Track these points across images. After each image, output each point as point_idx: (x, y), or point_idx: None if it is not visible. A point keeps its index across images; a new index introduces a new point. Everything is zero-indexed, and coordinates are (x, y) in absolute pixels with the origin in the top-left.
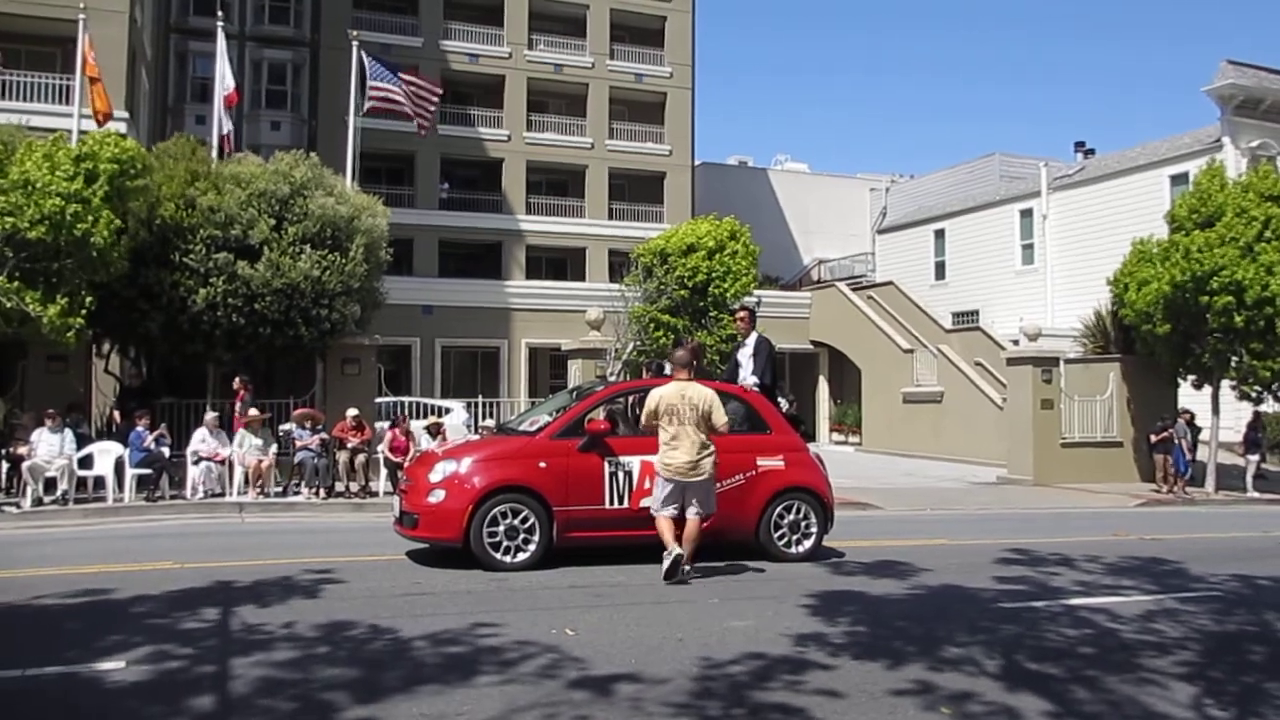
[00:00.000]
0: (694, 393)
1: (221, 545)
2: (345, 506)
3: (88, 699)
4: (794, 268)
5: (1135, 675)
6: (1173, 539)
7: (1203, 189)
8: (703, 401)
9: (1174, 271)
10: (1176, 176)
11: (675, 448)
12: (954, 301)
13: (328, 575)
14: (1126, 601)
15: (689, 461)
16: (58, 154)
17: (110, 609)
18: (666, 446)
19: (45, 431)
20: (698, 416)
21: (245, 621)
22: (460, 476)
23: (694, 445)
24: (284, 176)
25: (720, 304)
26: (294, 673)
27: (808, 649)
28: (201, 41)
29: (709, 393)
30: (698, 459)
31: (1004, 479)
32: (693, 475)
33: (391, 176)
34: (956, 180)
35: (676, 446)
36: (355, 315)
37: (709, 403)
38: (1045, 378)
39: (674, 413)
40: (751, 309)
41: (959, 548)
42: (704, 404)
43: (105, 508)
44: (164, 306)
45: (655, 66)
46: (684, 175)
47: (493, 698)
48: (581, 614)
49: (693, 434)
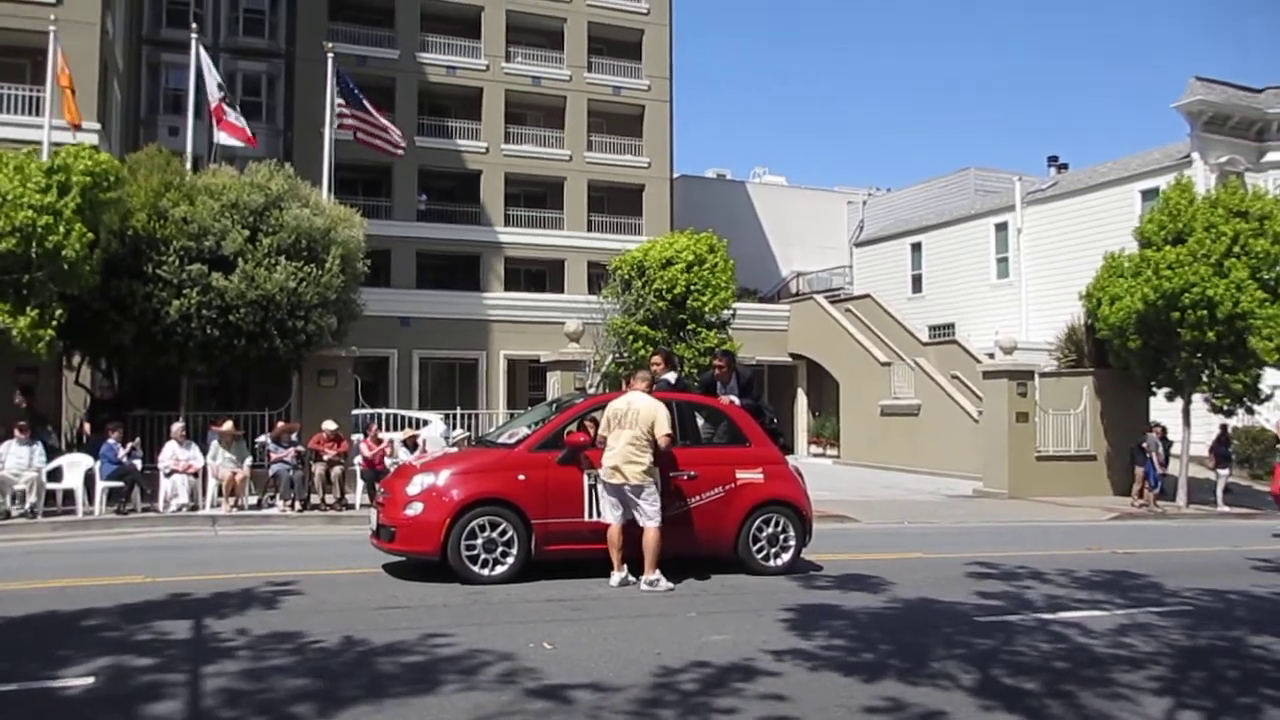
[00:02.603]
0: (639, 402)
1: (194, 559)
2: (321, 519)
3: (53, 713)
4: (772, 280)
5: (1109, 690)
6: (1145, 553)
7: (1172, 204)
8: (644, 411)
9: (1145, 289)
10: (1147, 191)
11: (609, 450)
12: (931, 314)
13: (302, 589)
14: (1100, 616)
15: (614, 464)
16: (29, 166)
17: (78, 624)
18: (604, 450)
19: (13, 444)
20: (638, 423)
21: (216, 635)
22: (438, 489)
23: (621, 451)
24: (259, 188)
25: (698, 317)
26: (263, 686)
27: (784, 663)
28: (174, 53)
29: (653, 404)
30: (619, 464)
31: (980, 492)
32: (614, 478)
33: (368, 188)
34: (932, 194)
35: (609, 448)
36: (332, 327)
37: (652, 414)
38: (1020, 391)
39: (616, 417)
40: (731, 356)
41: (935, 561)
42: (647, 414)
43: (75, 521)
44: (136, 318)
45: (633, 79)
46: (662, 187)
47: (465, 710)
48: (560, 627)
49: (625, 439)
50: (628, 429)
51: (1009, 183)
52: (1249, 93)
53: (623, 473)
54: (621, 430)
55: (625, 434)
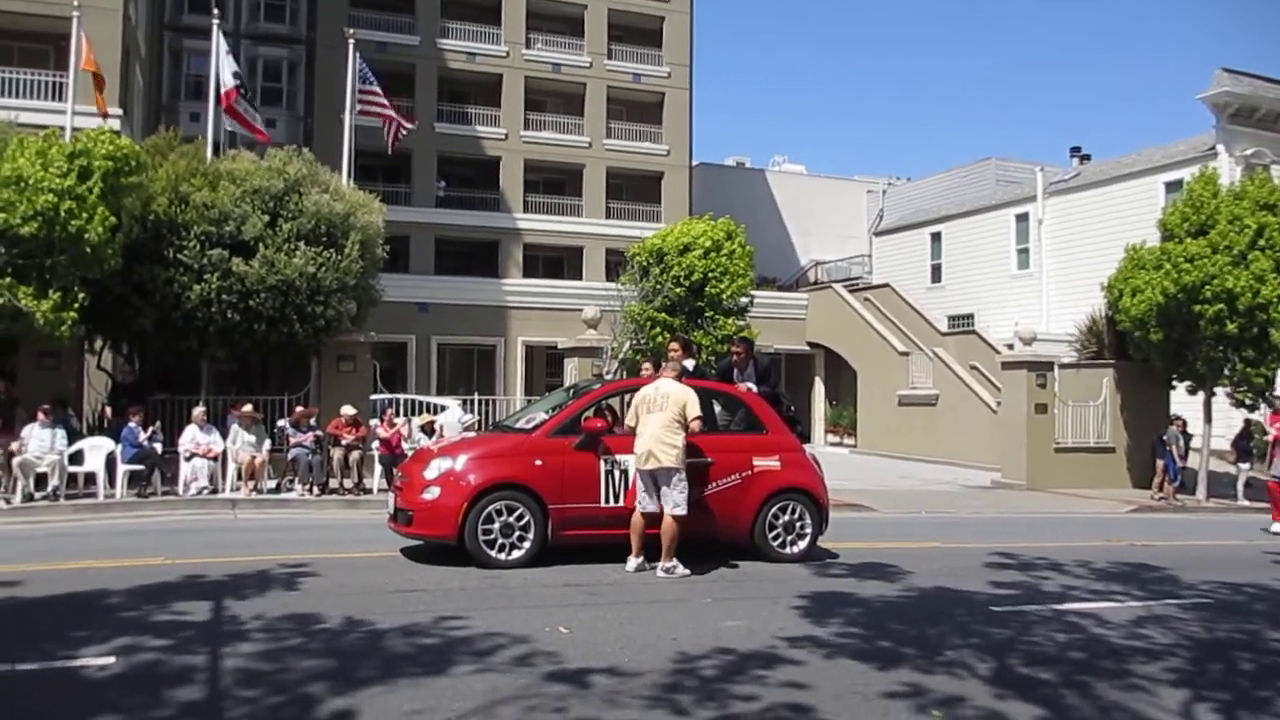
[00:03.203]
0: (668, 388)
1: (213, 541)
2: (339, 503)
3: (76, 693)
4: (791, 269)
5: (1125, 681)
6: (1164, 546)
7: (1196, 196)
8: (674, 396)
9: (1166, 281)
10: (1171, 183)
11: (638, 438)
12: (950, 304)
13: (320, 572)
14: (1117, 607)
15: (645, 450)
16: (51, 150)
17: (98, 605)
18: (635, 435)
19: (36, 427)
20: (668, 407)
21: (235, 617)
22: (456, 474)
23: (654, 435)
24: (278, 173)
25: (716, 304)
26: (281, 667)
27: (800, 649)
28: (196, 39)
29: (684, 389)
30: (651, 448)
31: (998, 483)
32: (648, 463)
33: (388, 174)
34: (953, 184)
35: (639, 435)
36: (351, 312)
37: (681, 398)
38: (1040, 382)
39: (645, 404)
40: (749, 342)
41: (952, 551)
42: (677, 398)
43: (96, 503)
44: (158, 303)
45: (653, 66)
46: (681, 175)
47: (481, 694)
48: (576, 612)
49: (656, 424)
50: (657, 413)
51: (1030, 173)
52: (1277, 85)
53: (656, 456)
54: (650, 415)
55: (654, 418)
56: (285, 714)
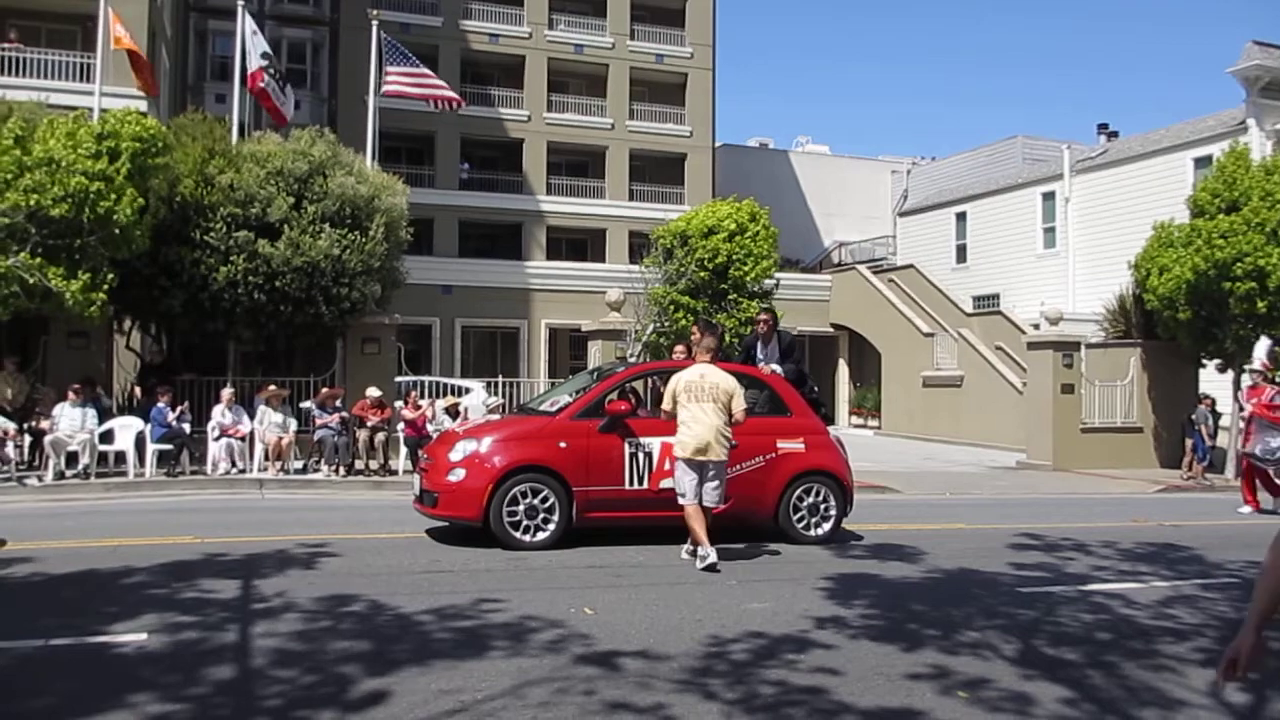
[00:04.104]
0: (715, 376)
1: (241, 521)
2: (364, 484)
3: (109, 669)
4: (814, 250)
5: (1153, 661)
6: (1192, 525)
7: (1226, 172)
8: (723, 386)
9: (1196, 258)
10: (1200, 159)
11: (690, 427)
12: (975, 285)
13: (347, 552)
14: (1144, 588)
15: (706, 440)
16: (80, 132)
17: (129, 582)
18: (684, 425)
19: (67, 406)
20: (716, 397)
21: (265, 596)
22: (481, 455)
23: (714, 426)
24: (302, 155)
25: (740, 286)
26: (310, 646)
27: (825, 631)
28: (221, 20)
29: (731, 379)
30: (711, 440)
31: (1023, 464)
32: (706, 455)
33: (411, 156)
34: (978, 163)
35: (691, 426)
36: (375, 294)
37: (730, 388)
38: (1066, 362)
39: (692, 392)
40: (774, 312)
41: (977, 532)
42: (725, 388)
43: (126, 482)
44: (185, 284)
45: (676, 47)
46: (704, 156)
47: (511, 675)
48: (600, 594)
49: (712, 413)
50: (709, 403)
51: (1057, 151)
52: None
53: (714, 448)
54: (700, 404)
55: (709, 408)
56: (318, 694)
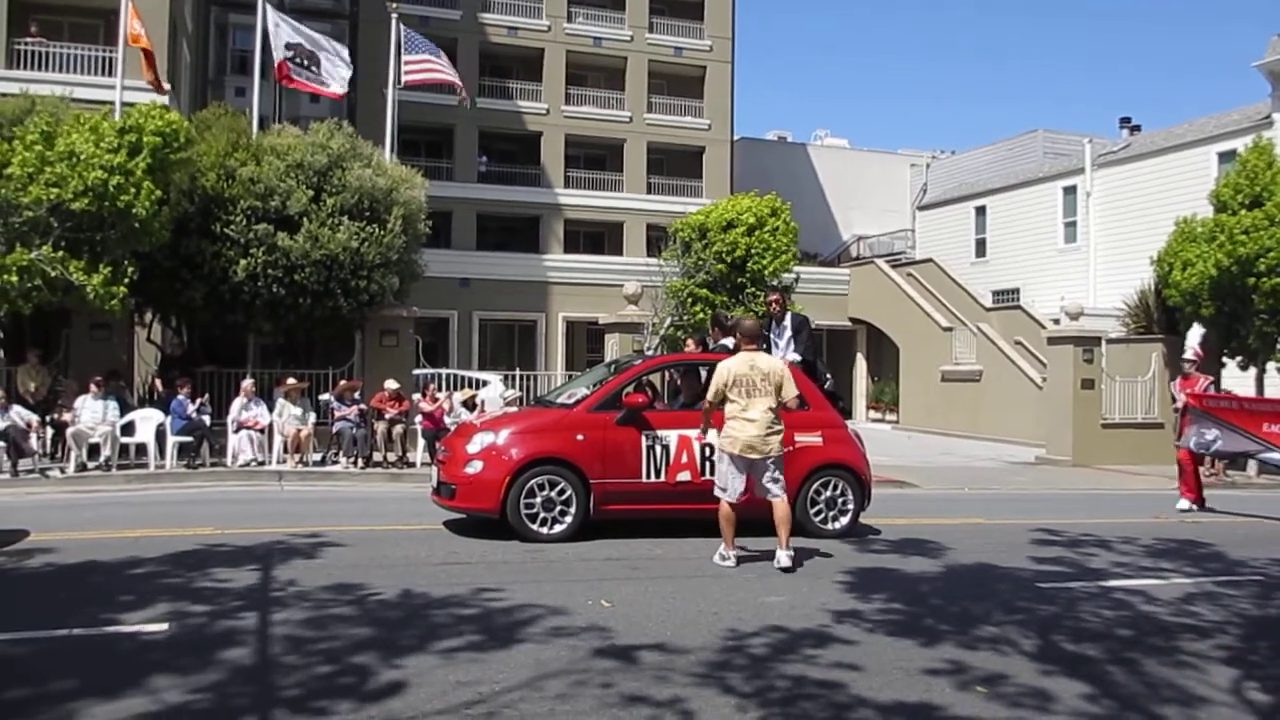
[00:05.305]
0: (764, 363)
1: (261, 512)
2: (382, 476)
3: (128, 657)
4: (833, 244)
5: (1174, 658)
6: (1212, 522)
7: (1250, 167)
8: (774, 372)
9: (1219, 254)
10: (1224, 154)
11: (747, 420)
12: (994, 279)
13: (365, 543)
14: (1165, 584)
15: (760, 435)
16: (102, 126)
17: (150, 572)
18: (735, 419)
19: (89, 398)
20: (769, 388)
21: (283, 585)
22: (498, 448)
23: (765, 418)
24: (321, 147)
25: (758, 280)
26: (328, 635)
27: (842, 625)
28: (241, 14)
29: (779, 363)
30: (767, 433)
31: (1042, 459)
32: (762, 450)
33: (430, 149)
34: (999, 156)
35: (748, 419)
36: (393, 287)
37: (780, 374)
38: (1086, 357)
39: (744, 384)
40: (785, 290)
41: (995, 527)
42: (775, 375)
43: (147, 474)
44: (205, 276)
45: (695, 40)
46: (723, 150)
47: (529, 667)
48: (618, 586)
49: (760, 409)
50: (760, 396)
51: (1079, 145)
52: None
53: (770, 443)
54: (752, 398)
55: (763, 401)
56: (335, 683)
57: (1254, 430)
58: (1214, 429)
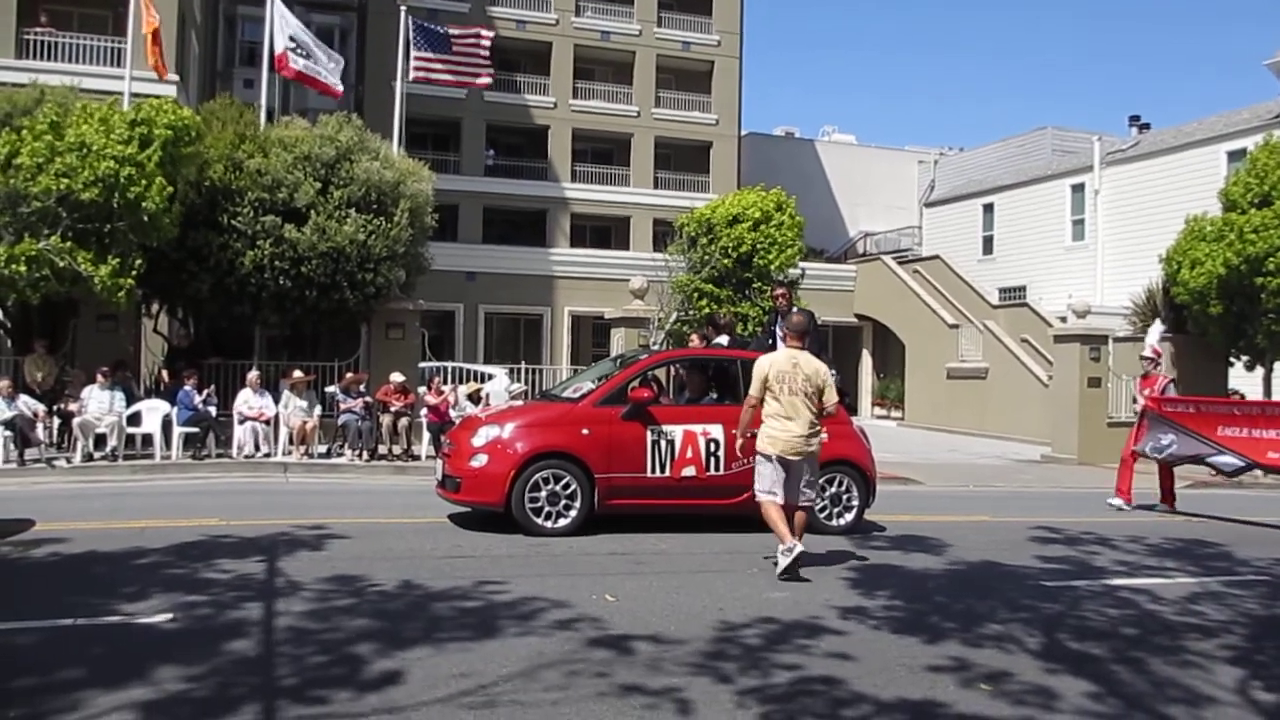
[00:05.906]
0: (807, 363)
1: (266, 504)
2: (387, 469)
3: (133, 645)
4: (839, 240)
5: (1179, 657)
6: (1219, 522)
7: (1260, 166)
8: (816, 374)
9: (1228, 253)
10: (1234, 152)
11: (790, 419)
12: (1001, 277)
13: (369, 536)
14: (1170, 583)
15: (803, 435)
16: (113, 118)
17: (154, 562)
18: (775, 418)
19: (95, 389)
20: (811, 389)
21: (287, 577)
22: (503, 441)
23: (803, 423)
24: (329, 140)
25: (764, 275)
26: (329, 626)
27: (847, 621)
28: (249, 5)
29: (823, 366)
30: (809, 433)
31: (1048, 457)
32: (804, 450)
33: (437, 142)
34: (1007, 154)
35: (791, 418)
36: (400, 280)
37: (823, 378)
38: (1093, 356)
39: (786, 381)
40: (791, 285)
41: (1000, 525)
42: (818, 377)
43: (153, 464)
44: (212, 268)
45: (703, 35)
46: (730, 145)
47: (528, 658)
48: (621, 580)
49: (802, 410)
50: (801, 396)
51: (1087, 143)
52: None
53: (812, 444)
54: (794, 397)
55: (801, 403)
56: (335, 673)
57: (1208, 434)
58: (1170, 433)
